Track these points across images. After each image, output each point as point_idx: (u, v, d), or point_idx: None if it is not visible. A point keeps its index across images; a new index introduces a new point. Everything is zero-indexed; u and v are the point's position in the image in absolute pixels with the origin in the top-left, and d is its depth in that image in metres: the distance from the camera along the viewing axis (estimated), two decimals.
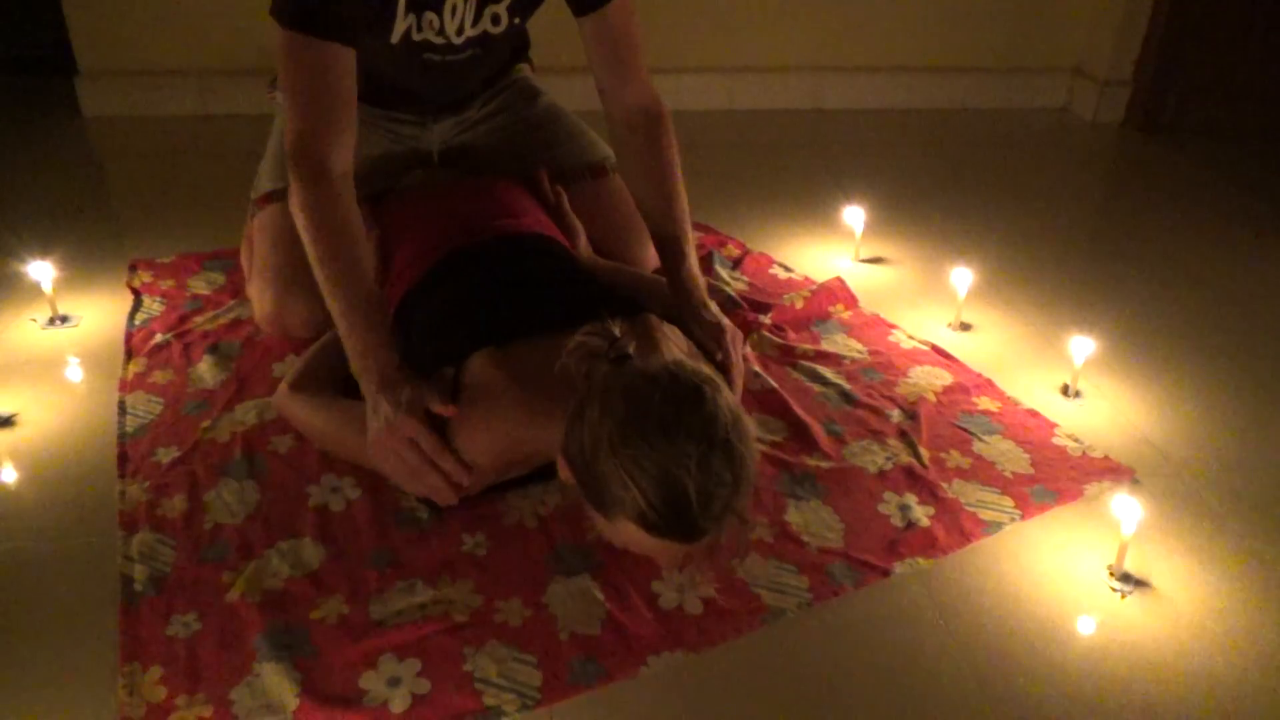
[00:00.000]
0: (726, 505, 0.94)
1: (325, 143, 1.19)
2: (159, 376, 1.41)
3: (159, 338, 1.49)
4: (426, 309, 1.29)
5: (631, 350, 1.02)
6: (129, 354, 1.46)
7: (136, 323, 1.54)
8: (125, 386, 1.39)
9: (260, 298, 1.47)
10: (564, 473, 1.02)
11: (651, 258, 1.61)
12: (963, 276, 1.61)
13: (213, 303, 1.60)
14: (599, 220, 1.62)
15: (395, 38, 1.32)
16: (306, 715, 0.92)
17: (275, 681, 0.94)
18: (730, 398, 0.98)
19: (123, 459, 1.24)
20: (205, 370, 1.42)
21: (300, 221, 1.19)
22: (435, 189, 1.53)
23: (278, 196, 1.49)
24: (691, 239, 1.38)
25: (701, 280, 1.35)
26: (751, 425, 0.98)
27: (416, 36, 1.34)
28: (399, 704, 0.93)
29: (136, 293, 1.62)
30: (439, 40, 1.36)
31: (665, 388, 0.95)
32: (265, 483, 1.21)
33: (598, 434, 0.94)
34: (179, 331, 1.51)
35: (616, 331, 1.02)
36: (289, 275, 1.43)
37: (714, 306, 1.32)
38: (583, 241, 1.60)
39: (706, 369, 1.02)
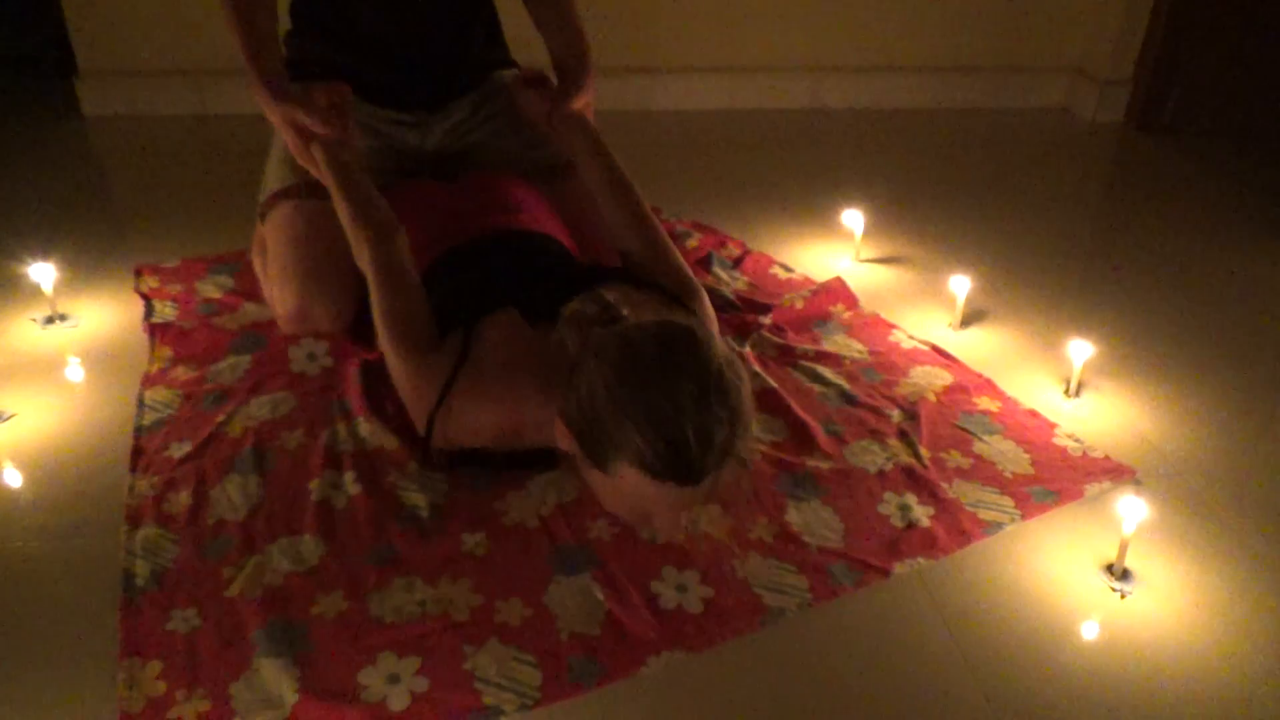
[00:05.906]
0: (725, 445, 0.95)
1: None
2: (180, 372, 1.41)
3: (182, 323, 1.51)
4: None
5: (626, 313, 1.04)
6: (153, 344, 1.46)
7: (155, 319, 1.53)
8: (148, 381, 1.38)
9: (282, 298, 1.45)
10: (563, 439, 1.03)
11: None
12: (962, 277, 1.61)
13: (226, 306, 1.58)
14: (592, 213, 1.62)
15: None
16: (305, 711, 0.92)
17: (274, 677, 0.95)
18: (721, 341, 1.00)
19: (136, 453, 1.25)
20: (224, 366, 1.42)
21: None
22: (430, 186, 1.53)
23: (286, 196, 1.49)
24: (588, 61, 1.52)
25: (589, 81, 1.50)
26: (744, 367, 1.00)
27: None
28: (398, 701, 0.93)
29: (146, 297, 1.60)
30: None
31: (656, 333, 0.98)
32: (270, 478, 1.21)
33: (594, 382, 0.96)
34: (203, 323, 1.52)
35: (609, 298, 1.04)
36: (309, 271, 1.43)
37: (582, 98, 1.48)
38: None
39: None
